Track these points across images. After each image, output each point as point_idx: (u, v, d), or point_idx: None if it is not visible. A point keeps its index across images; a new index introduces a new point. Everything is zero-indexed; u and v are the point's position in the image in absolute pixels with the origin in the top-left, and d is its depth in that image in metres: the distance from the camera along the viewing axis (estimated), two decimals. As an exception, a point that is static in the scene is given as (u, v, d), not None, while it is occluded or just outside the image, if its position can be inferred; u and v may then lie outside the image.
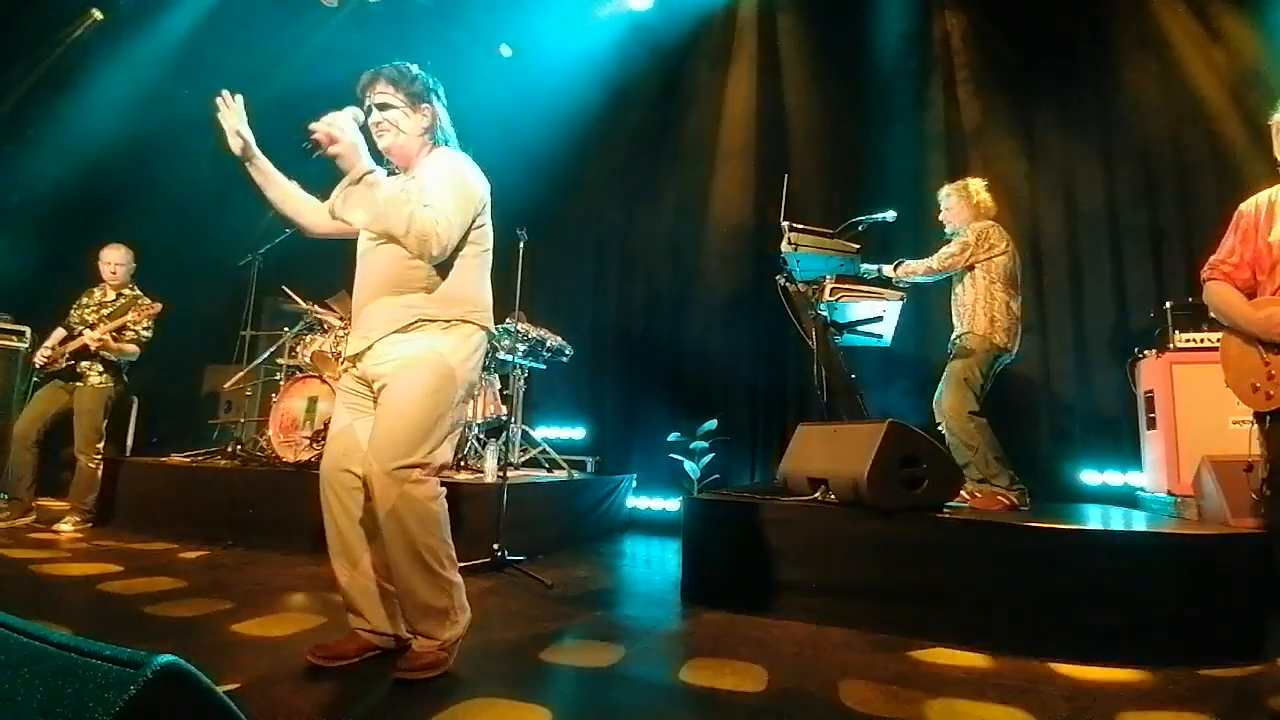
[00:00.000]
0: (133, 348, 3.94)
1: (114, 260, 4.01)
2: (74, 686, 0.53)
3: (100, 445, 3.93)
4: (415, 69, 1.92)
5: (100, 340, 3.81)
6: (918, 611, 2.35)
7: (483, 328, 1.94)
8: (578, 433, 5.44)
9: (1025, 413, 4.28)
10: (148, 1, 5.13)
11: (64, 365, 3.85)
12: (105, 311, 3.94)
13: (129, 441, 5.09)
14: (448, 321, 1.86)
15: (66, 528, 3.73)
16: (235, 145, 1.90)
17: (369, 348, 1.86)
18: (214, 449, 4.76)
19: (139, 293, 4.09)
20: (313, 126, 1.71)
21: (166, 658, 0.54)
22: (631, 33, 5.41)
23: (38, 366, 3.90)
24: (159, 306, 4.02)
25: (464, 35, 5.24)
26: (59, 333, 3.95)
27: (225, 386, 4.98)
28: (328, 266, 3.42)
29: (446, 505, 1.88)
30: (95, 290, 4.05)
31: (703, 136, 5.24)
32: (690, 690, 1.84)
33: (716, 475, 4.71)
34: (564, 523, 4.01)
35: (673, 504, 4.81)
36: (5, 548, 3.26)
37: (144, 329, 3.98)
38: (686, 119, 5.34)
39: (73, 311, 3.97)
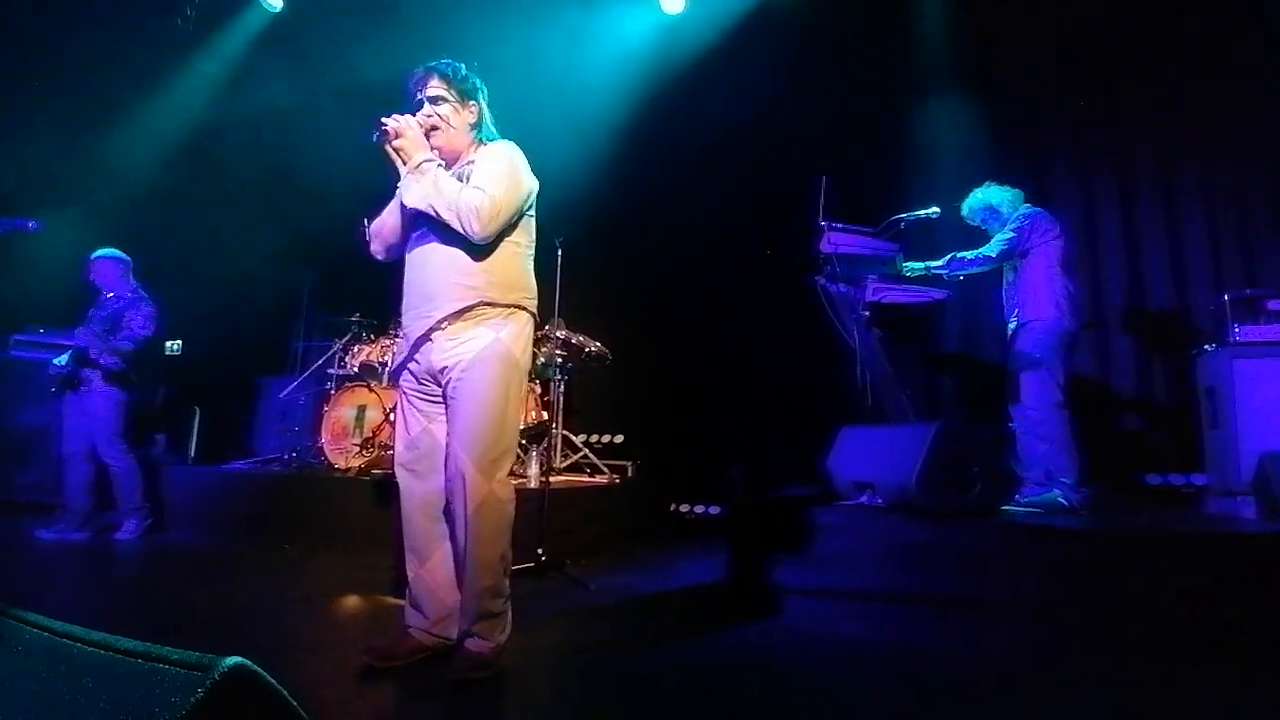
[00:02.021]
0: (127, 345, 3.86)
1: (100, 267, 3.97)
2: (140, 692, 0.54)
3: (123, 446, 3.90)
4: (464, 67, 2.00)
5: (90, 339, 3.77)
6: (970, 620, 2.27)
7: (533, 315, 2.00)
8: (618, 437, 5.45)
9: (1084, 411, 4.10)
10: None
11: (67, 375, 3.84)
12: (104, 314, 3.89)
13: (191, 449, 5.35)
14: (507, 308, 1.90)
15: (125, 535, 3.81)
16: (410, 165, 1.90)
17: (429, 335, 1.87)
18: (271, 456, 4.95)
19: (142, 295, 4.03)
20: (384, 119, 1.84)
21: (234, 659, 0.54)
22: (666, 35, 5.41)
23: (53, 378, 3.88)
24: (152, 306, 3.99)
25: (497, 39, 5.32)
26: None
27: (280, 396, 5.17)
28: (376, 280, 3.51)
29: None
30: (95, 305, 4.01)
31: (739, 136, 5.20)
32: (737, 696, 1.82)
33: (759, 479, 4.65)
34: (606, 527, 4.02)
35: (715, 508, 4.77)
36: (65, 558, 3.42)
37: (140, 326, 3.91)
38: (723, 120, 5.31)
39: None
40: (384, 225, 2.04)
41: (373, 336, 4.86)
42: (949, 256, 3.31)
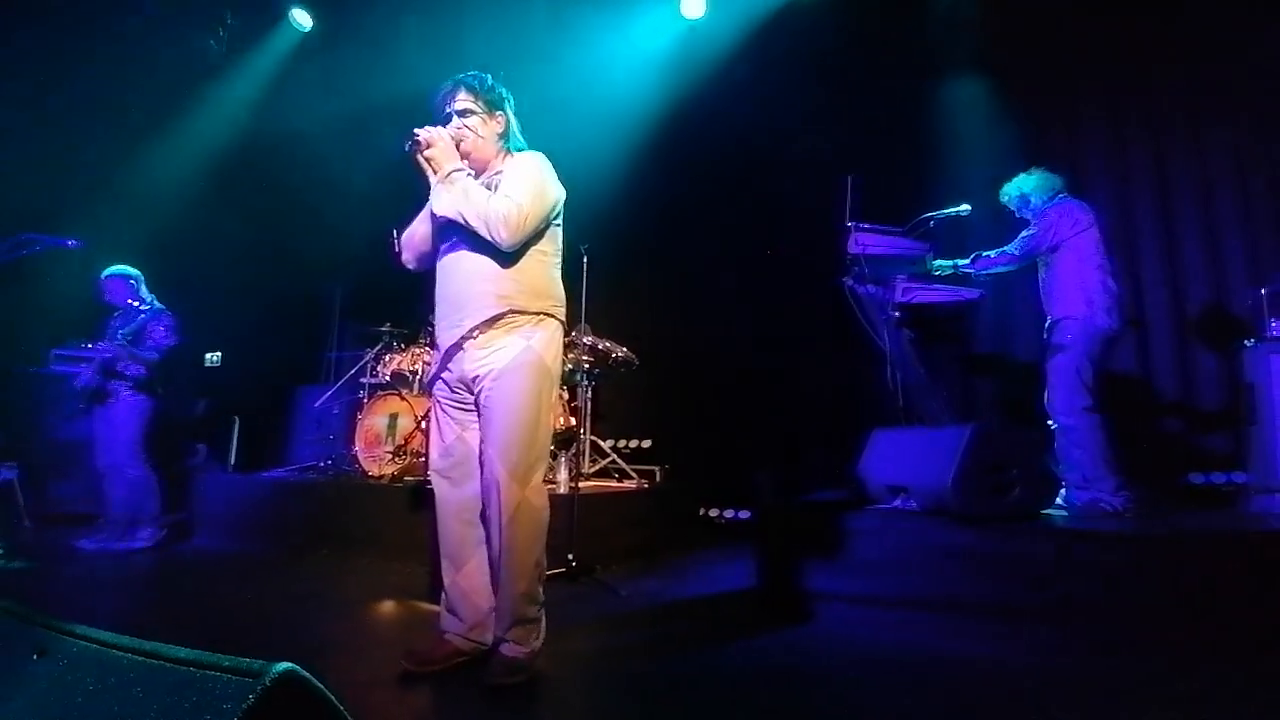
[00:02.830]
0: (152, 354, 3.90)
1: (110, 285, 4.02)
2: (191, 700, 0.56)
3: (141, 456, 3.92)
4: (490, 78, 2.04)
5: (121, 356, 3.81)
6: (1012, 626, 2.21)
7: (562, 322, 2.03)
8: (646, 442, 5.45)
9: (1127, 410, 3.98)
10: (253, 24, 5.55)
11: (93, 389, 3.90)
12: (126, 329, 3.90)
13: (231, 458, 5.50)
14: (536, 315, 1.93)
15: (139, 544, 3.81)
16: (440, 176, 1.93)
17: (460, 343, 1.90)
18: (307, 464, 5.06)
19: (159, 307, 4.05)
20: (417, 131, 1.89)
21: (284, 665, 0.55)
22: (687, 40, 5.42)
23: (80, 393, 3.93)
24: (172, 317, 4.02)
25: (520, 50, 5.39)
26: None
27: (315, 405, 5.29)
28: (406, 290, 3.57)
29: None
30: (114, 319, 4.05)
31: (764, 138, 5.17)
32: (772, 704, 1.80)
33: (788, 483, 4.60)
34: (636, 532, 4.02)
35: (745, 512, 4.74)
36: (107, 567, 3.50)
37: (161, 337, 3.94)
38: (747, 122, 5.29)
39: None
40: (414, 235, 2.07)
41: (403, 345, 4.94)
42: (974, 255, 3.24)
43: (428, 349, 4.74)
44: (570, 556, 3.12)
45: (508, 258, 1.90)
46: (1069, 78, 4.42)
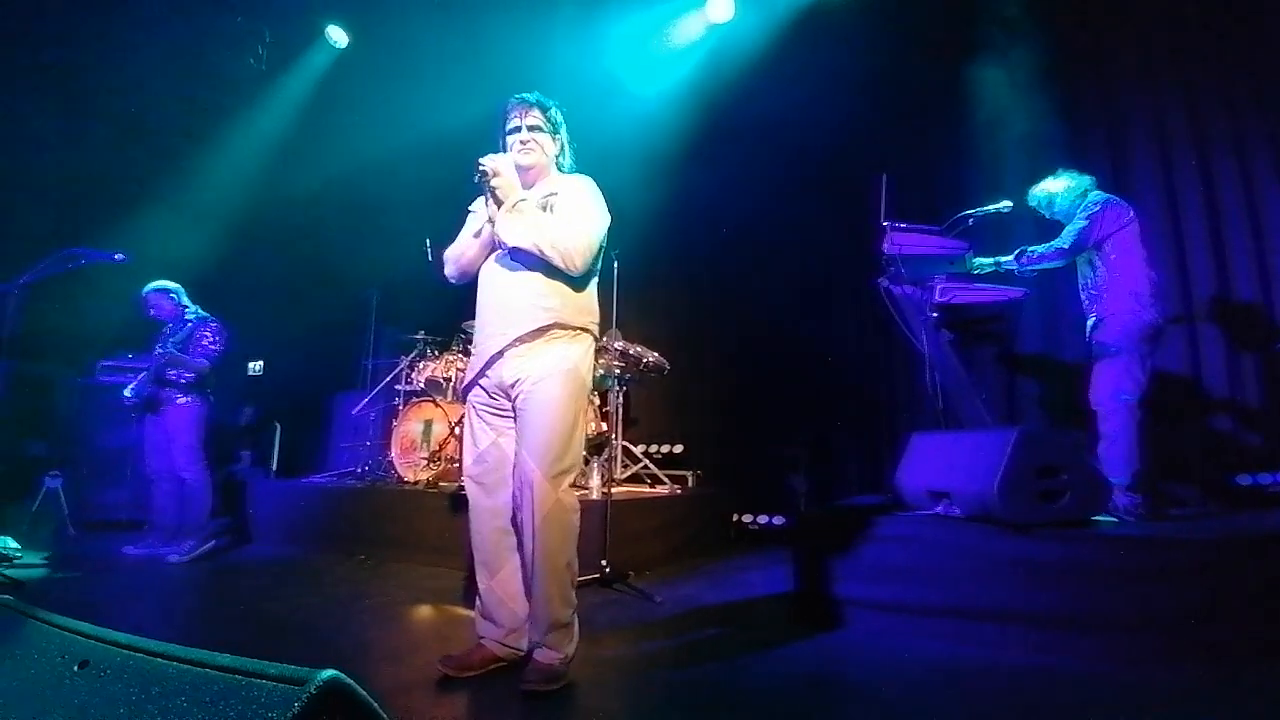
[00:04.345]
0: (203, 361, 3.95)
1: (152, 300, 4.07)
2: (236, 709, 0.56)
3: (200, 459, 3.96)
4: (555, 102, 2.16)
5: (169, 358, 3.86)
6: (1057, 636, 2.12)
7: (597, 337, 2.12)
8: (678, 447, 5.42)
9: (1173, 410, 3.82)
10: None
11: (145, 398, 3.94)
12: (175, 339, 3.95)
13: (274, 464, 5.64)
14: (575, 330, 2.01)
15: (174, 556, 3.77)
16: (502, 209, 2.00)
17: (503, 351, 1.96)
18: (345, 470, 5.16)
19: (204, 315, 4.10)
20: (482, 161, 1.97)
21: (329, 672, 0.55)
22: (715, 43, 5.40)
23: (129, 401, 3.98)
24: (218, 322, 4.08)
25: (548, 56, 5.44)
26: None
27: (353, 412, 5.40)
28: (438, 298, 3.62)
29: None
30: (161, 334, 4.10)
31: (795, 139, 5.11)
32: (810, 713, 1.76)
33: (824, 488, 4.53)
34: (668, 538, 3.99)
35: (779, 519, 4.67)
36: (153, 573, 3.59)
37: (209, 342, 3.99)
38: (778, 123, 5.24)
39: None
40: (464, 254, 2.12)
41: (437, 353, 5.01)
42: (1018, 251, 3.15)
43: (461, 355, 4.80)
44: (604, 562, 3.11)
45: (557, 275, 1.98)
46: (1111, 70, 4.27)
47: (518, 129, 2.07)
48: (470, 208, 2.17)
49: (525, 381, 1.92)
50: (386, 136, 5.82)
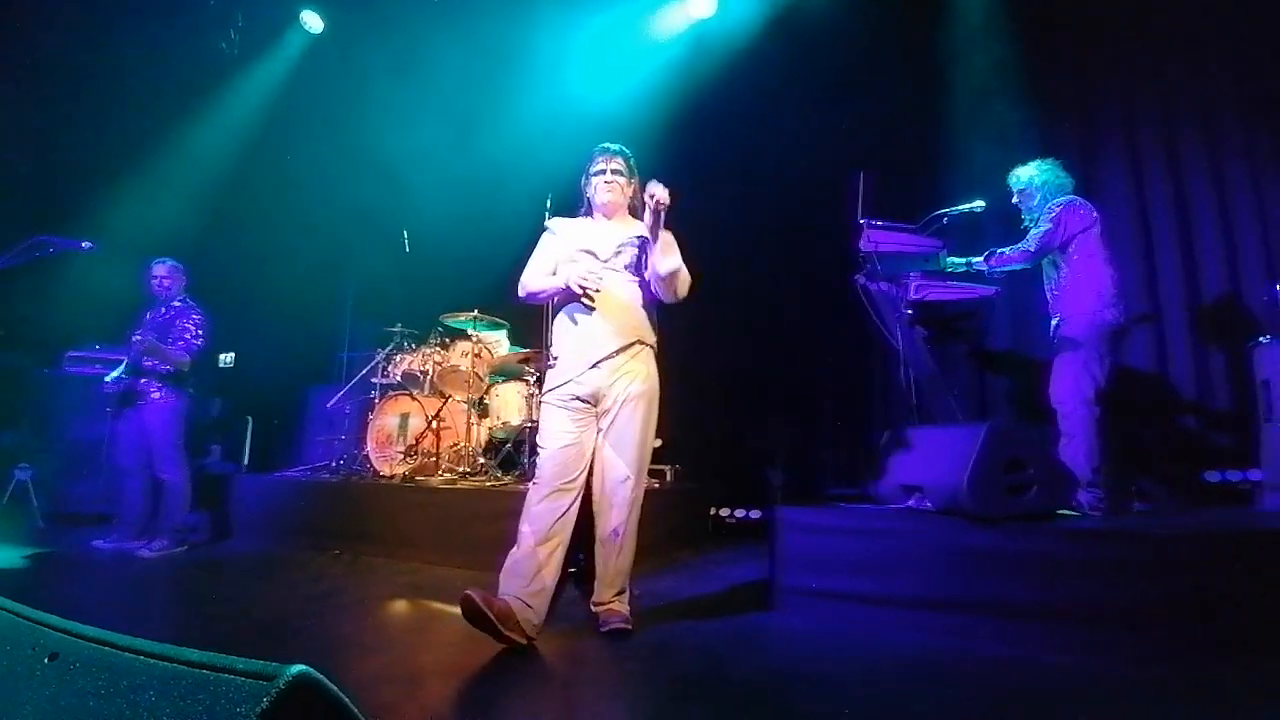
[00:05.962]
0: (183, 355, 3.82)
1: (160, 274, 3.96)
2: (205, 703, 0.55)
3: (180, 459, 3.86)
4: (631, 153, 2.54)
5: (147, 346, 3.70)
6: (1031, 627, 2.18)
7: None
8: (656, 442, 5.42)
9: (1140, 408, 3.93)
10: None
11: (123, 390, 3.80)
12: (157, 321, 3.86)
13: (245, 458, 5.54)
14: (649, 347, 2.41)
15: (147, 553, 3.66)
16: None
17: (599, 363, 2.28)
18: (319, 464, 5.09)
19: (191, 304, 4.00)
20: (654, 193, 2.18)
21: (299, 668, 0.54)
22: (697, 40, 5.40)
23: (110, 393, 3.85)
24: (202, 314, 3.97)
25: (528, 50, 5.40)
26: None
27: (327, 406, 5.32)
28: (415, 290, 3.58)
29: None
30: (148, 312, 3.99)
31: (773, 136, 5.14)
32: (786, 705, 1.78)
33: (799, 483, 4.58)
34: (647, 532, 3.98)
35: (756, 512, 4.72)
36: (122, 567, 3.51)
37: (192, 336, 3.87)
38: (757, 119, 5.27)
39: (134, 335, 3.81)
40: (542, 291, 2.41)
41: (414, 345, 4.95)
42: (988, 252, 3.21)
43: (438, 349, 4.75)
44: (581, 556, 3.11)
45: (645, 299, 2.39)
46: (1083, 72, 4.37)
47: (602, 171, 2.44)
48: (547, 224, 2.47)
49: (621, 393, 2.28)
50: (363, 124, 5.73)
